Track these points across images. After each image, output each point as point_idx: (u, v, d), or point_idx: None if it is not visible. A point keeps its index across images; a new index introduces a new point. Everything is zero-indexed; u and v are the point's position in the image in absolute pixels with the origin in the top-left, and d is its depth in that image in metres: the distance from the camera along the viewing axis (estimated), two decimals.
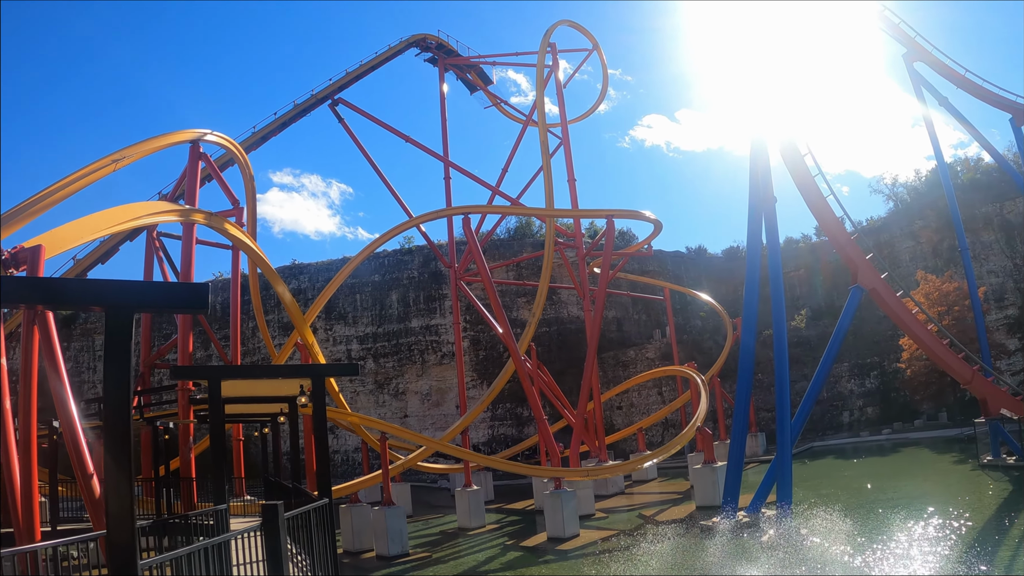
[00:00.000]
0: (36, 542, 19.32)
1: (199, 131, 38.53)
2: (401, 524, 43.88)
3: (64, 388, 20.15)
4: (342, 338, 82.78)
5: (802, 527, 32.89)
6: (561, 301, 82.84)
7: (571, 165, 65.97)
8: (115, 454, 9.18)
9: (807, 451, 60.45)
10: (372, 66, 64.83)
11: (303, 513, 13.79)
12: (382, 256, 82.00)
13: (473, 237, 54.64)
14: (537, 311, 59.28)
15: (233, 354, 42.70)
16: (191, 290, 9.75)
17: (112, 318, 9.18)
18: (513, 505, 58.56)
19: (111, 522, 9.16)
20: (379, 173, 64.17)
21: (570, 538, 42.71)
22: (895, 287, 42.15)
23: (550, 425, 53.93)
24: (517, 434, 77.54)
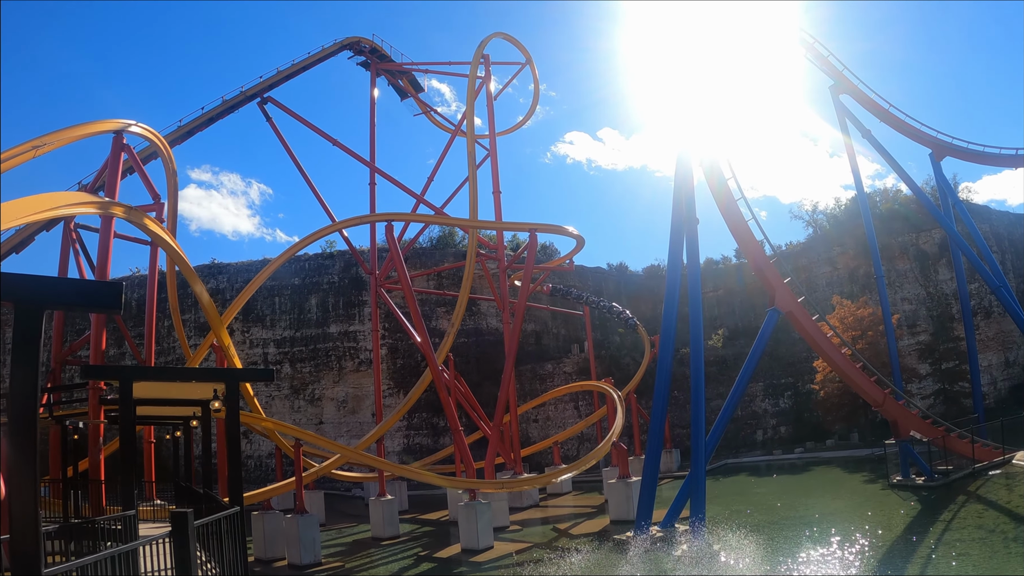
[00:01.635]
0: None
1: (123, 121, 37.75)
2: (314, 533, 43.38)
3: None
4: (259, 341, 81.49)
5: (714, 543, 33.22)
6: (481, 312, 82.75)
7: (497, 177, 66.09)
8: (20, 455, 8.79)
9: (721, 467, 61.13)
10: (304, 66, 64.24)
11: (214, 521, 13.40)
12: (303, 259, 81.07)
13: (395, 244, 54.35)
14: (456, 321, 59.11)
15: (147, 353, 41.76)
16: (105, 288, 9.37)
17: (22, 314, 8.79)
18: (428, 515, 58.20)
19: (14, 526, 8.79)
20: (304, 175, 63.58)
21: (484, 550, 42.61)
22: (811, 311, 42.92)
23: (466, 436, 53.69)
24: (433, 444, 77.09)
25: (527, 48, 73.51)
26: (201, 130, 56.72)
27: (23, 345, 8.77)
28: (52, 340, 46.09)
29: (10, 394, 8.93)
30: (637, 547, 34.66)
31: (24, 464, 8.76)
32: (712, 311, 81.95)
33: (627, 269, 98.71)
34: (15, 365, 8.79)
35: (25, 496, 8.73)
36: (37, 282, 8.98)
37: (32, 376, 8.74)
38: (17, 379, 8.74)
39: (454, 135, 71.13)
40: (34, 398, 8.79)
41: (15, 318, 8.86)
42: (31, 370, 8.73)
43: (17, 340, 8.80)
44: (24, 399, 8.75)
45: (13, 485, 8.83)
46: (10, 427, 8.87)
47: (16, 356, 8.80)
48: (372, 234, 66.98)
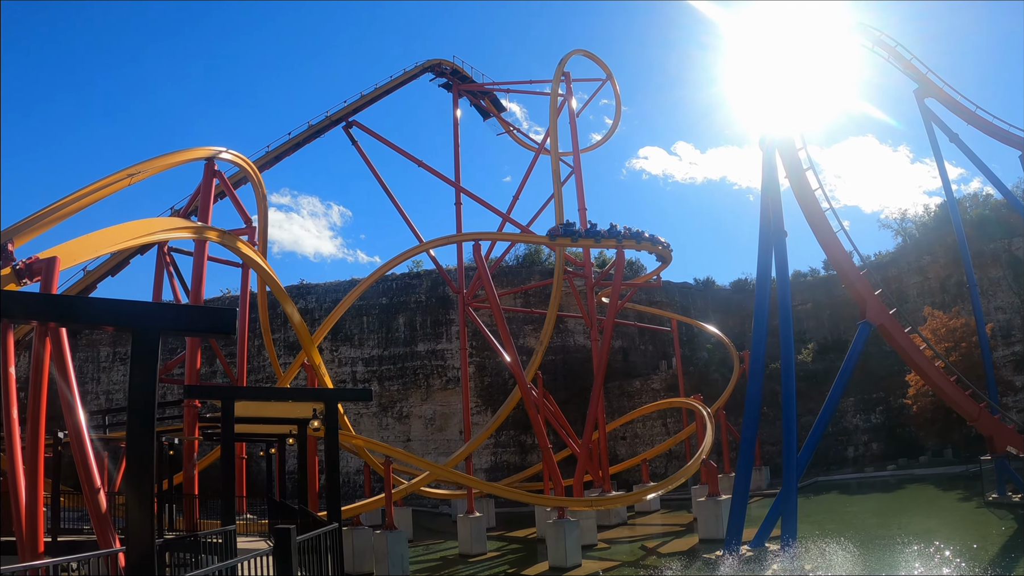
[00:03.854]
0: (39, 553, 19.48)
1: (214, 148, 38.87)
2: (403, 548, 44.00)
3: (75, 401, 20.29)
4: (347, 360, 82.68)
5: (806, 563, 32.83)
6: (568, 330, 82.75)
7: (582, 194, 66.34)
8: (138, 471, 9.32)
9: (811, 485, 60.15)
10: (387, 90, 65.35)
11: (314, 537, 13.84)
12: (390, 279, 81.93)
13: (483, 263, 54.82)
14: (544, 339, 59.36)
15: (239, 372, 42.87)
16: (218, 315, 9.95)
17: (140, 338, 9.34)
18: (515, 533, 58.47)
19: (131, 539, 9.30)
20: (390, 196, 64.59)
21: (572, 568, 42.69)
22: (903, 323, 42.23)
23: (554, 454, 53.78)
24: (520, 462, 77.26)
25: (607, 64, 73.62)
26: (288, 155, 58.16)
27: (140, 369, 9.34)
28: None
29: (128, 413, 9.52)
30: (727, 567, 34.49)
31: (142, 479, 9.32)
32: (800, 325, 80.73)
33: (714, 284, 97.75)
34: (133, 387, 9.37)
35: (143, 510, 9.27)
36: (154, 309, 9.58)
37: (149, 397, 9.31)
38: (135, 399, 9.31)
39: (538, 153, 71.53)
40: (151, 417, 9.35)
41: (132, 342, 9.45)
42: (148, 393, 9.30)
43: (135, 363, 9.38)
44: (141, 418, 9.32)
45: (132, 499, 9.37)
46: (129, 444, 9.44)
47: (134, 378, 9.38)
48: (459, 253, 67.65)
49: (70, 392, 20.33)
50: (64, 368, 20.44)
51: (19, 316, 11.96)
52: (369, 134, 64.06)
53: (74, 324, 13.26)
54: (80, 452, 20.13)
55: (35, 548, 19.71)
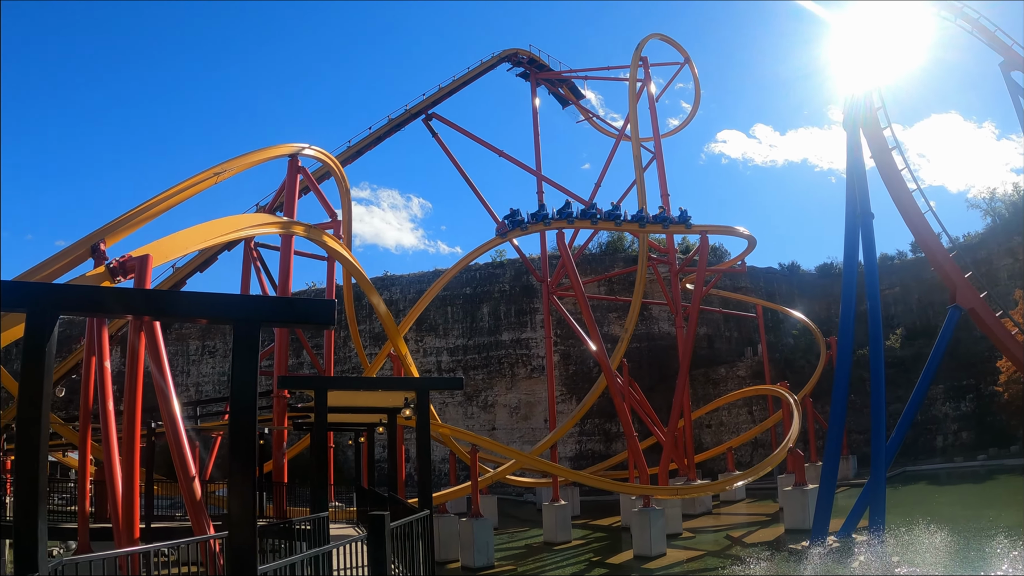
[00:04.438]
0: (135, 539, 20.21)
1: (297, 145, 39.53)
2: (488, 536, 44.37)
3: (170, 392, 20.96)
4: (432, 350, 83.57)
5: (894, 554, 32.36)
6: (652, 317, 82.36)
7: (664, 180, 65.84)
8: (240, 460, 9.72)
9: (899, 475, 59.10)
10: (464, 81, 65.41)
11: (406, 524, 14.14)
12: (474, 269, 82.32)
13: (567, 251, 54.87)
14: (630, 327, 59.26)
15: (326, 363, 43.64)
16: (318, 306, 10.27)
17: (240, 331, 9.67)
18: (599, 521, 58.57)
19: (233, 525, 9.67)
20: (472, 187, 64.71)
21: (656, 557, 42.68)
22: (993, 307, 41.17)
23: (639, 442, 53.67)
24: (605, 450, 77.27)
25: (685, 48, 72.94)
26: (369, 149, 58.73)
27: (242, 359, 9.72)
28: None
29: (231, 403, 9.93)
30: (813, 558, 34.16)
31: (245, 468, 9.70)
32: (888, 309, 78.95)
33: (799, 268, 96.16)
34: (235, 377, 9.75)
35: (244, 497, 9.64)
36: (255, 301, 9.96)
37: (251, 387, 9.68)
38: (237, 389, 9.69)
39: (618, 139, 71.10)
40: (252, 407, 9.72)
41: (235, 334, 9.82)
42: (250, 384, 9.67)
43: (236, 355, 9.76)
44: (243, 408, 9.70)
45: (235, 487, 9.76)
46: (231, 434, 9.86)
47: (236, 369, 9.76)
48: (542, 242, 67.63)
49: (165, 383, 21.01)
50: (159, 360, 21.12)
51: (120, 311, 12.49)
52: (449, 126, 64.35)
53: (177, 318, 13.77)
54: (175, 441, 20.79)
55: (131, 534, 20.44)
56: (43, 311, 9.56)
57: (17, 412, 9.48)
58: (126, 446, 21.38)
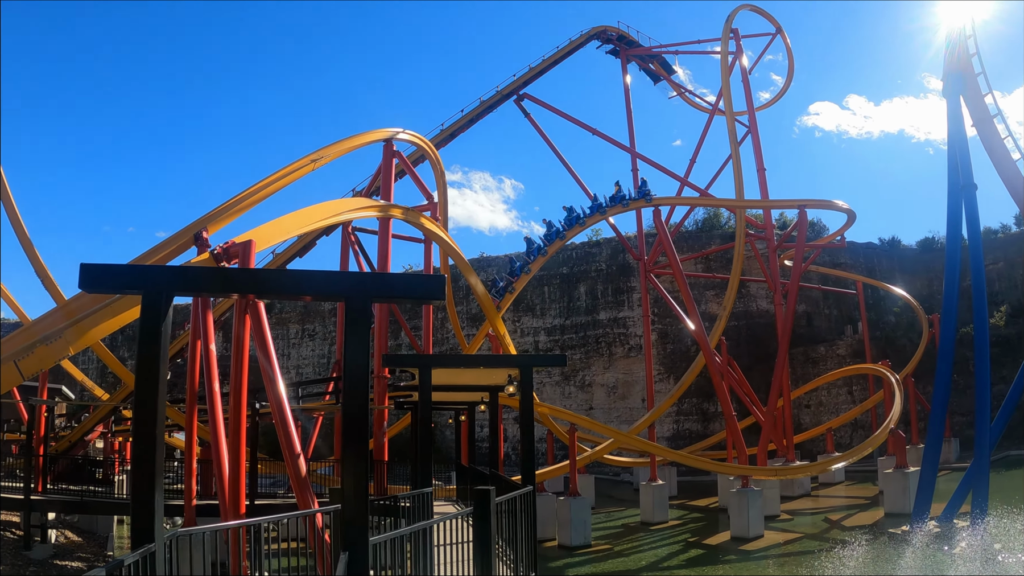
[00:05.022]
0: (241, 514, 20.74)
1: (392, 130, 39.84)
2: (585, 515, 44.62)
3: (274, 372, 21.39)
4: (530, 329, 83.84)
5: (996, 541, 31.48)
6: (750, 295, 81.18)
7: (760, 154, 64.81)
8: (352, 435, 9.82)
9: (1003, 459, 57.18)
10: (554, 60, 65.08)
11: (510, 499, 14.17)
12: (570, 249, 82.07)
13: (664, 229, 54.50)
14: (728, 305, 58.74)
15: (425, 343, 44.03)
16: (429, 281, 10.35)
17: (352, 307, 9.78)
18: (696, 502, 58.37)
19: (346, 500, 9.83)
20: (567, 166, 64.46)
21: (754, 538, 42.40)
22: None
23: (737, 422, 53.07)
24: (702, 430, 76.65)
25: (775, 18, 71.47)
26: (463, 131, 59.00)
27: (354, 335, 9.83)
28: (337, 333, 49.39)
29: (344, 380, 10.07)
30: (913, 542, 33.44)
31: (357, 442, 9.82)
32: (992, 286, 76.16)
33: (899, 243, 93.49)
34: (347, 353, 9.90)
35: (357, 471, 9.77)
36: (366, 277, 10.08)
37: (363, 363, 9.80)
38: (349, 365, 9.82)
39: (712, 114, 70.17)
40: (364, 382, 9.84)
41: (346, 310, 9.94)
42: (361, 357, 9.77)
43: (348, 331, 9.89)
44: (356, 383, 9.82)
45: (347, 461, 9.91)
46: (344, 408, 10.00)
47: (348, 345, 9.89)
48: (638, 220, 67.29)
49: (270, 364, 21.44)
50: (264, 342, 21.56)
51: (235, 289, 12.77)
52: (541, 105, 64.18)
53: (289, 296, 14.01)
54: (281, 420, 21.21)
55: (237, 511, 20.96)
56: (158, 292, 9.79)
57: (135, 390, 9.75)
58: (232, 426, 21.88)
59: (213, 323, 24.33)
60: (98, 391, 55.67)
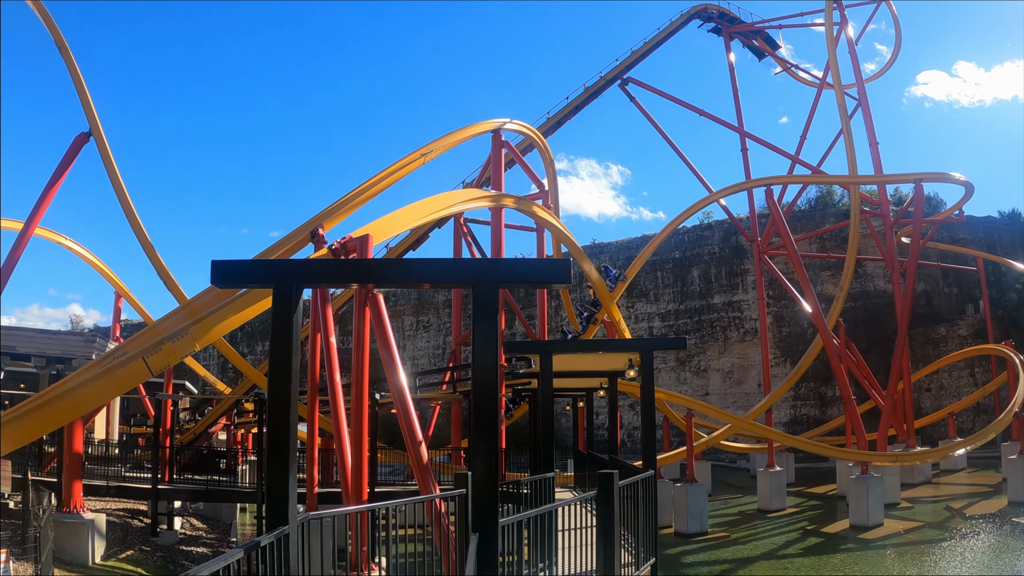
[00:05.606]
0: (363, 502, 21.23)
1: (499, 120, 40.22)
2: (702, 502, 44.37)
3: (395, 362, 21.76)
4: (644, 315, 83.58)
5: None
6: (867, 274, 79.27)
7: (871, 127, 63.03)
8: (483, 419, 9.98)
9: None
10: (656, 42, 64.62)
11: (631, 484, 14.19)
12: (681, 232, 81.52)
13: (777, 209, 53.70)
14: (844, 285, 57.68)
15: (540, 331, 44.26)
16: (555, 265, 10.43)
17: (480, 292, 9.92)
18: (814, 489, 57.53)
19: (476, 482, 9.96)
20: (676, 149, 64.28)
21: (873, 527, 41.60)
22: None
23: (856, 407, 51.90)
24: (820, 415, 75.32)
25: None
26: (568, 119, 59.18)
27: (483, 320, 9.97)
28: (452, 324, 49.99)
29: (473, 364, 10.22)
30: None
31: (487, 426, 9.95)
32: None
33: (1020, 216, 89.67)
34: (477, 339, 10.04)
35: (488, 454, 9.89)
36: (493, 263, 10.19)
37: (493, 348, 9.91)
38: (479, 351, 9.96)
39: (820, 88, 68.71)
40: (495, 367, 9.96)
41: (474, 296, 10.09)
42: (491, 343, 9.89)
43: (477, 316, 10.03)
44: (486, 368, 9.94)
45: (478, 445, 10.07)
46: (474, 393, 10.15)
47: (476, 330, 10.05)
48: (750, 200, 66.32)
49: (390, 354, 21.88)
50: (384, 332, 22.01)
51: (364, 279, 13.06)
52: (646, 89, 63.78)
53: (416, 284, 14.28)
54: (403, 409, 21.64)
55: (359, 498, 21.48)
56: (288, 285, 10.09)
57: (268, 379, 10.16)
58: (354, 416, 22.40)
59: (331, 316, 24.91)
60: (220, 385, 57.62)
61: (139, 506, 37.00)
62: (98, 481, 34.50)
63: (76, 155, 36.76)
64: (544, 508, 12.55)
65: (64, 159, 36.68)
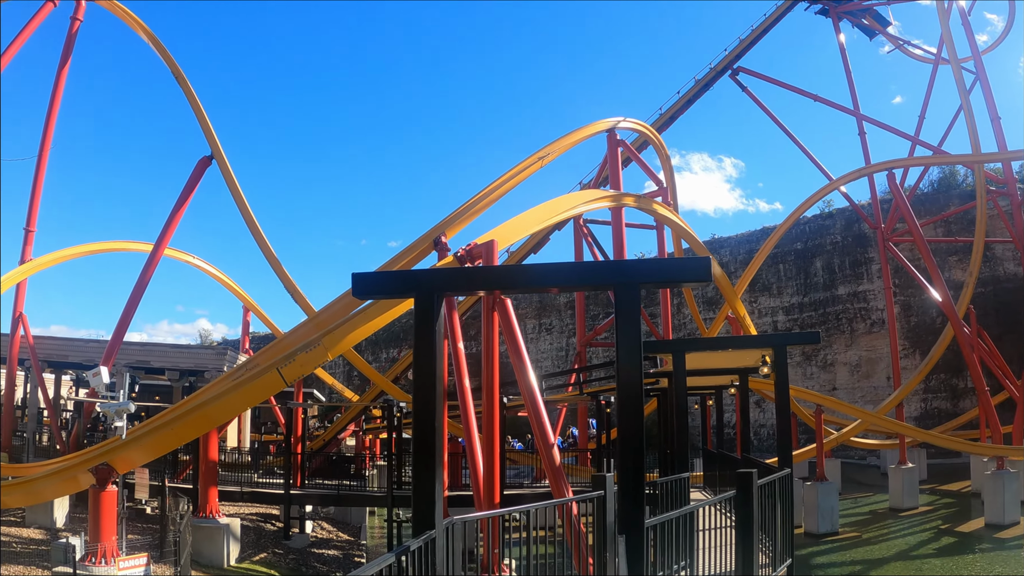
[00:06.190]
0: (495, 504, 21.52)
1: (613, 120, 40.36)
2: (833, 501, 43.88)
3: (525, 366, 22.06)
4: (767, 310, 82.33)
5: None
6: (995, 257, 76.33)
7: (992, 102, 60.59)
8: (628, 422, 10.18)
9: None
10: (764, 29, 63.44)
11: (768, 483, 14.14)
12: (801, 223, 79.65)
13: (900, 193, 52.55)
14: (974, 270, 56.00)
15: (664, 329, 44.16)
16: (695, 263, 10.52)
17: (620, 294, 10.11)
18: (947, 486, 56.41)
19: (624, 483, 10.10)
20: (792, 138, 62.95)
21: (1010, 525, 41.03)
22: None
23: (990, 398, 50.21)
24: (952, 408, 72.97)
25: None
26: (681, 113, 58.95)
27: (625, 321, 10.18)
28: (576, 325, 50.22)
29: (617, 365, 10.44)
30: None
31: (633, 428, 10.12)
32: None
33: None
34: (620, 341, 10.27)
35: (635, 456, 10.04)
36: (633, 264, 10.40)
37: (636, 349, 10.11)
38: (623, 353, 10.17)
39: (936, 64, 66.57)
40: (638, 369, 10.16)
41: (615, 298, 10.30)
42: (635, 344, 10.05)
43: (620, 317, 10.24)
44: (630, 370, 10.11)
45: (625, 447, 10.22)
46: (619, 395, 10.34)
47: (620, 332, 10.31)
48: (871, 186, 64.50)
49: (520, 357, 22.18)
50: (513, 336, 22.35)
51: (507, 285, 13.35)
52: (757, 77, 62.74)
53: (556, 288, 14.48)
54: (534, 412, 21.92)
55: (491, 501, 21.76)
56: (430, 293, 10.44)
57: (413, 388, 10.66)
58: (486, 420, 22.76)
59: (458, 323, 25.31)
60: (347, 392, 58.98)
61: (271, 510, 38.56)
62: (232, 487, 35.95)
63: (200, 178, 37.94)
64: (686, 509, 12.67)
65: (188, 182, 37.89)
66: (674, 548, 11.29)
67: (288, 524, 35.73)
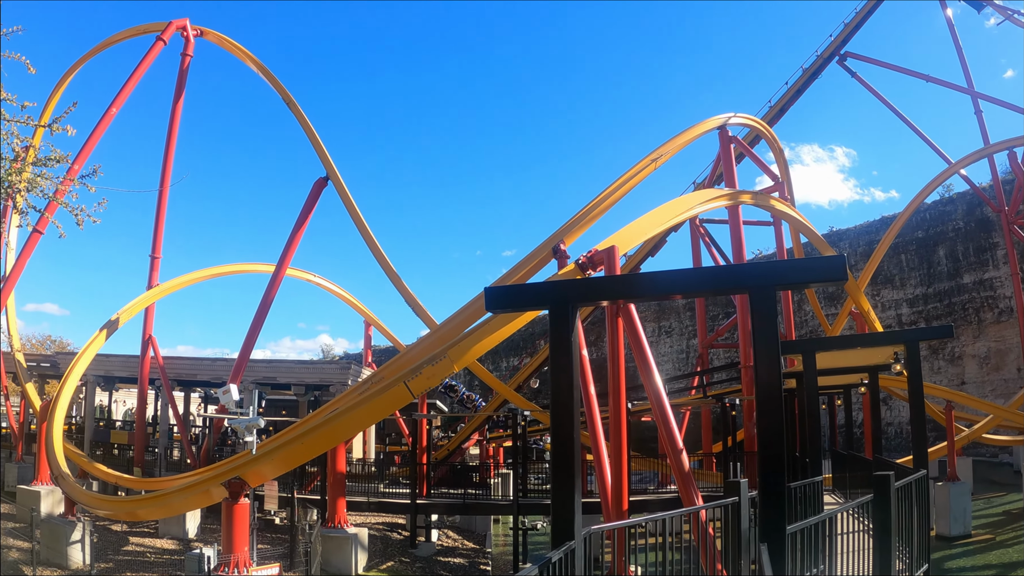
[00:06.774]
0: (623, 511, 21.60)
1: (724, 116, 40.24)
2: (965, 502, 43.02)
3: (651, 370, 22.19)
4: (890, 303, 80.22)
5: None
6: None
7: None
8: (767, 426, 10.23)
9: None
10: (868, 10, 61.81)
11: (905, 485, 14.00)
12: (921, 210, 77.26)
13: (1023, 172, 50.46)
14: None
15: (786, 329, 43.66)
16: (830, 262, 10.62)
17: (756, 297, 10.21)
18: None
19: (764, 491, 10.18)
20: (907, 122, 61.69)
21: None
22: None
23: None
24: None
25: None
26: (791, 104, 58.24)
27: (762, 324, 10.31)
28: (698, 330, 49.93)
29: (756, 371, 10.54)
30: None
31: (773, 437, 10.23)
32: None
33: None
34: (756, 343, 10.52)
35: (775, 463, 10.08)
36: (768, 267, 10.48)
37: (774, 352, 10.22)
38: (760, 357, 10.27)
39: None
40: (777, 371, 10.24)
41: (751, 301, 10.44)
42: (772, 347, 10.15)
43: (756, 320, 10.40)
44: (768, 374, 10.30)
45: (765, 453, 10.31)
46: (759, 400, 10.40)
47: (756, 334, 10.53)
48: (992, 167, 62.56)
49: (645, 362, 22.33)
50: (638, 341, 22.51)
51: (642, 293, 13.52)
52: (867, 62, 61.36)
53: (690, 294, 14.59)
54: (662, 417, 22.07)
55: (620, 508, 21.87)
56: (565, 304, 10.68)
57: (551, 399, 10.95)
58: (613, 427, 22.93)
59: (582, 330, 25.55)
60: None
61: (397, 520, 39.34)
62: (359, 497, 37.02)
63: (317, 198, 39.14)
64: (824, 514, 12.62)
65: (306, 203, 39.18)
66: (812, 554, 11.31)
67: (414, 533, 36.69)
